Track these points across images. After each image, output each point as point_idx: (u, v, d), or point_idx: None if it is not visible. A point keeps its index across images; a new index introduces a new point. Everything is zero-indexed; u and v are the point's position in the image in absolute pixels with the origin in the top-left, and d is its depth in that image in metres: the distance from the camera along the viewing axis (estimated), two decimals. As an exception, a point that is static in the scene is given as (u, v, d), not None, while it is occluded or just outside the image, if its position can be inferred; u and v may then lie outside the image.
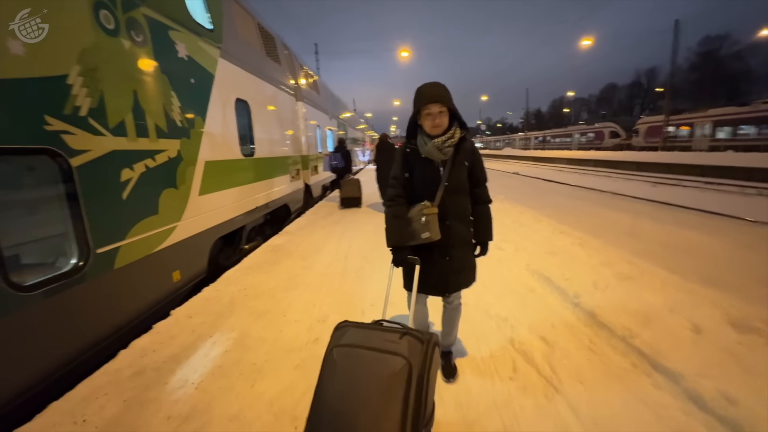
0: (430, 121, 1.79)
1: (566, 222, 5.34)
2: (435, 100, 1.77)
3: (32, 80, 2.07)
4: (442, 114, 1.79)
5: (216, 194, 4.08)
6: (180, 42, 3.52)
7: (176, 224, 3.34)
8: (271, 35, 6.67)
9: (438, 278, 1.94)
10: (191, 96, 3.69)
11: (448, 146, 1.81)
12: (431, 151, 1.83)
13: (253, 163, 5.22)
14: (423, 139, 1.86)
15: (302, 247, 4.88)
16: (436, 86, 1.82)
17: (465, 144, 1.89)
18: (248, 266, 4.06)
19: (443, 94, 1.79)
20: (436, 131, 1.81)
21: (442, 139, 1.80)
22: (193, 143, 3.68)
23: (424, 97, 1.79)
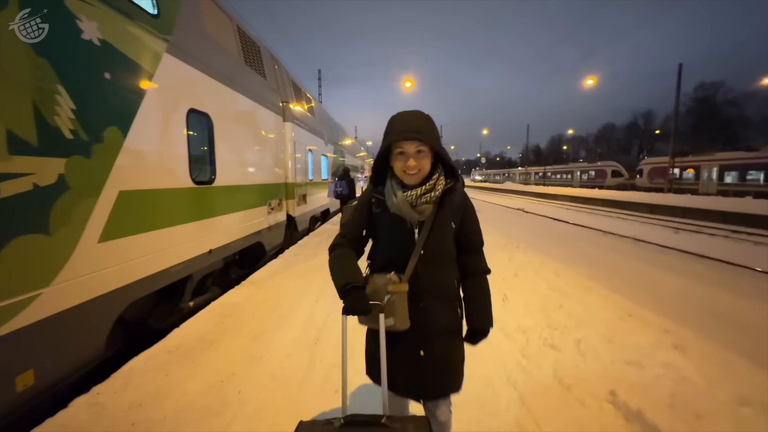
0: (402, 163, 1.28)
1: (620, 290, 4.05)
2: (410, 136, 1.25)
3: None
4: (420, 155, 1.27)
5: (136, 238, 2.83)
6: (86, 18, 2.39)
7: (38, 293, 2.07)
8: (254, 43, 5.68)
9: (410, 377, 1.35)
10: (101, 96, 2.52)
11: (425, 202, 1.28)
12: (401, 207, 1.29)
13: (210, 193, 4.01)
14: (392, 187, 1.33)
15: (263, 310, 3.56)
16: (414, 117, 1.30)
17: (452, 196, 1.36)
18: (166, 354, 2.69)
19: (423, 128, 1.26)
20: (411, 179, 1.30)
21: (418, 192, 1.28)
22: (96, 164, 2.47)
23: (395, 130, 1.27)
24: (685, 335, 2.73)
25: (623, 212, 17.37)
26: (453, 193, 1.34)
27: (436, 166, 1.32)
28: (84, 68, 2.39)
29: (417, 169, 1.25)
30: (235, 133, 4.66)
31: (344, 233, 1.43)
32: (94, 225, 2.44)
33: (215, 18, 4.36)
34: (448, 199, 1.32)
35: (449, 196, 1.33)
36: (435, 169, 1.31)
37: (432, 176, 1.30)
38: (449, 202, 1.33)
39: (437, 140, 1.27)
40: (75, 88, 2.31)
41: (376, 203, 1.37)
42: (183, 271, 3.51)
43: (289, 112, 7.25)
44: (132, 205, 2.79)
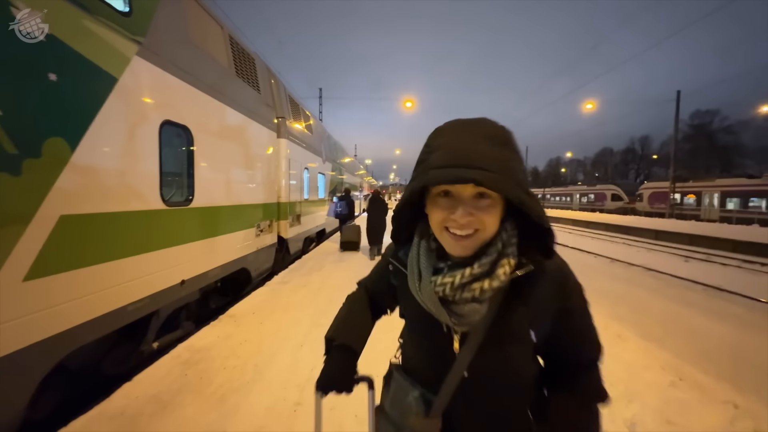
0: (444, 213, 0.71)
1: (656, 338, 3.48)
2: (464, 176, 0.63)
3: None
4: (481, 205, 0.69)
5: (79, 273, 2.31)
6: (25, 7, 1.97)
7: None
8: (248, 55, 5.32)
9: None
10: (42, 101, 2.07)
11: (470, 299, 0.70)
12: (428, 303, 0.75)
13: (186, 216, 3.51)
14: (419, 257, 0.78)
15: (237, 356, 3.00)
16: (476, 137, 0.68)
17: (536, 287, 0.73)
18: (106, 422, 2.08)
19: (493, 159, 0.65)
20: (459, 247, 0.71)
21: (456, 280, 0.71)
22: (28, 183, 1.98)
23: (437, 161, 0.68)
24: (760, 412, 2.18)
25: (627, 237, 16.93)
26: (538, 279, 0.72)
27: (503, 224, 0.72)
28: (19, 66, 1.95)
29: (472, 229, 0.68)
30: (220, 149, 4.21)
31: (364, 282, 1.12)
32: (18, 259, 1.94)
33: (203, 24, 3.99)
34: (526, 291, 0.72)
35: (529, 285, 0.72)
36: (502, 231, 0.72)
37: (492, 246, 0.71)
38: (527, 296, 0.72)
39: (519, 181, 0.65)
40: (1, 90, 1.86)
41: (394, 273, 0.90)
42: (145, 308, 2.96)
43: (285, 128, 6.85)
44: (78, 233, 2.29)
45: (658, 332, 3.82)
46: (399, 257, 0.86)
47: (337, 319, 1.02)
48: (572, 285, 0.77)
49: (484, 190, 0.66)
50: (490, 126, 0.69)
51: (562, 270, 0.76)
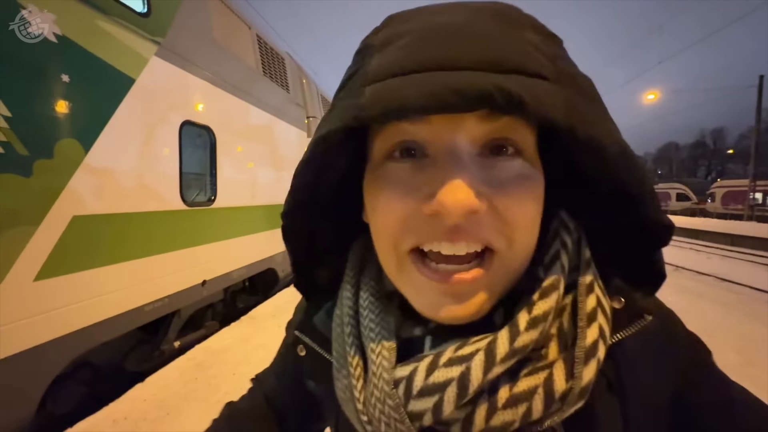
0: (404, 206, 0.28)
1: (734, 365, 2.91)
2: (479, 84, 0.22)
3: None
4: (496, 174, 0.27)
5: (92, 273, 2.32)
6: (38, 7, 1.98)
7: None
8: (278, 54, 5.32)
9: None
10: (54, 102, 2.08)
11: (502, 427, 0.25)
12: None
13: (207, 216, 3.52)
14: (363, 314, 0.33)
15: (250, 362, 2.91)
16: (472, 13, 0.27)
17: (638, 353, 0.32)
18: (110, 426, 2.05)
19: (533, 46, 0.25)
20: (445, 300, 0.28)
21: (483, 361, 0.26)
22: (40, 184, 2.00)
23: (394, 62, 0.25)
24: None
25: (696, 242, 15.08)
26: (636, 342, 0.32)
27: (554, 222, 0.34)
28: (29, 68, 1.97)
29: (478, 241, 0.27)
30: (244, 150, 4.21)
31: (262, 379, 0.59)
32: (28, 260, 1.96)
33: (228, 24, 4.00)
34: (610, 370, 0.32)
35: (618, 358, 0.32)
36: (557, 239, 0.32)
37: (549, 272, 0.30)
38: (618, 382, 0.32)
39: (597, 105, 0.27)
40: (12, 91, 1.87)
41: (308, 362, 0.41)
42: (164, 308, 2.98)
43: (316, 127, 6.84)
44: (92, 233, 2.31)
45: (735, 360, 3.19)
46: (315, 328, 0.40)
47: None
48: (685, 333, 0.38)
49: (505, 132, 0.28)
50: (503, 4, 0.30)
51: (668, 317, 0.38)
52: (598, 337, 0.27)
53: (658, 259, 0.32)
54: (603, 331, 0.28)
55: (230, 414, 0.55)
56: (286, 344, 0.52)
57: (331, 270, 0.40)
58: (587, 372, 0.26)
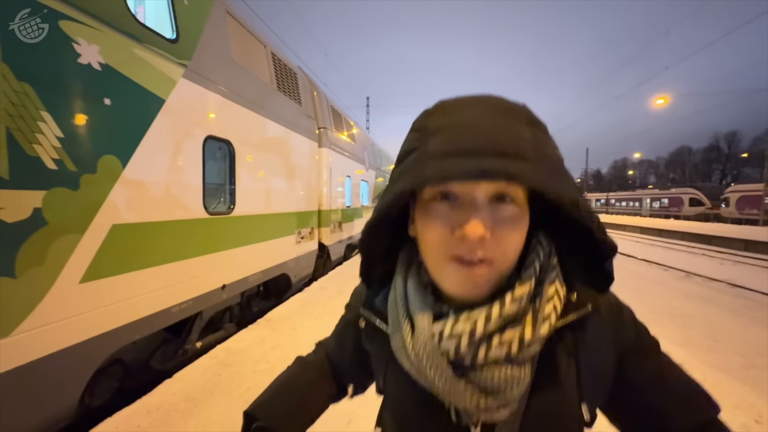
0: (443, 230, 0.45)
1: (731, 369, 2.92)
2: (491, 168, 0.39)
3: None
4: (500, 214, 0.45)
5: (129, 276, 2.55)
6: (86, 41, 2.24)
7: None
8: (290, 69, 5.60)
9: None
10: (97, 123, 2.33)
11: (506, 361, 0.45)
12: (432, 372, 0.46)
13: (227, 224, 3.75)
14: (409, 296, 0.52)
15: (268, 361, 3.10)
16: (491, 111, 0.44)
17: (588, 331, 0.50)
18: (144, 416, 2.26)
19: (525, 140, 0.42)
20: (467, 283, 0.45)
21: (484, 320, 0.45)
22: (85, 196, 2.24)
23: (440, 147, 0.42)
24: None
25: (709, 248, 14.86)
26: (587, 323, 0.50)
27: (533, 241, 0.51)
28: (78, 94, 2.22)
29: (486, 255, 0.44)
30: (260, 161, 4.45)
31: (325, 344, 0.79)
32: (75, 264, 2.19)
33: (246, 44, 4.28)
34: (572, 342, 0.50)
35: (577, 334, 0.50)
36: (535, 246, 0.51)
37: (527, 267, 0.49)
38: (574, 352, 0.50)
39: (569, 177, 0.45)
40: (64, 114, 2.12)
41: (368, 333, 0.62)
42: (188, 309, 3.20)
43: (326, 138, 7.09)
44: (128, 240, 2.54)
45: (737, 362, 3.26)
46: (374, 307, 0.59)
47: (269, 389, 0.71)
48: (631, 319, 0.54)
49: (504, 190, 0.44)
50: (508, 100, 0.46)
51: (617, 305, 0.55)
52: (551, 311, 0.45)
53: (609, 268, 0.48)
54: (555, 308, 0.46)
55: (300, 363, 0.77)
56: (346, 319, 0.72)
57: (382, 269, 0.59)
58: (543, 328, 0.44)
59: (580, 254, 0.49)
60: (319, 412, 0.70)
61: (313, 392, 0.71)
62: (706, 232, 16.83)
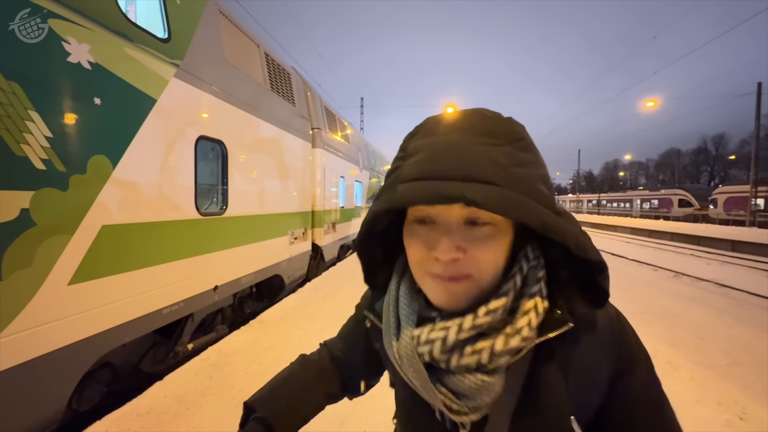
0: (421, 252, 0.50)
1: (718, 368, 2.97)
2: (447, 192, 0.41)
3: None
4: (475, 233, 0.47)
5: (118, 278, 2.52)
6: (76, 40, 2.22)
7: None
8: (284, 70, 5.58)
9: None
10: (87, 123, 2.30)
11: (477, 370, 0.46)
12: (409, 372, 0.50)
13: (219, 225, 3.73)
14: (396, 305, 0.56)
15: (260, 362, 3.09)
16: (463, 134, 0.47)
17: (581, 345, 0.50)
18: (134, 419, 2.24)
19: (492, 163, 0.44)
20: (445, 297, 0.49)
21: (456, 329, 0.47)
22: (74, 197, 2.21)
23: (411, 172, 0.46)
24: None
25: (697, 248, 15.13)
26: (581, 338, 0.50)
27: (518, 255, 0.51)
28: (67, 93, 2.19)
29: (461, 272, 0.47)
30: (253, 161, 4.43)
31: (329, 344, 0.82)
32: (64, 265, 2.16)
33: (239, 44, 4.26)
34: (563, 355, 0.50)
35: (568, 347, 0.50)
36: (519, 259, 0.51)
37: (508, 280, 0.49)
38: (565, 365, 0.50)
39: (540, 195, 0.45)
40: (53, 114, 2.09)
41: (372, 332, 0.67)
42: (179, 311, 3.17)
43: (320, 138, 7.08)
44: (118, 241, 2.51)
45: (721, 360, 3.32)
46: (375, 309, 0.63)
47: (270, 383, 0.72)
48: (631, 345, 0.52)
49: (475, 214, 0.45)
50: (491, 118, 0.48)
51: (617, 323, 0.52)
52: (525, 325, 0.45)
53: (603, 283, 0.47)
54: (530, 322, 0.46)
55: (302, 361, 0.78)
56: (356, 319, 0.77)
57: (383, 275, 0.63)
58: (513, 341, 0.45)
59: (576, 267, 0.48)
60: (316, 410, 0.72)
61: (312, 390, 0.72)
62: (695, 232, 17.13)
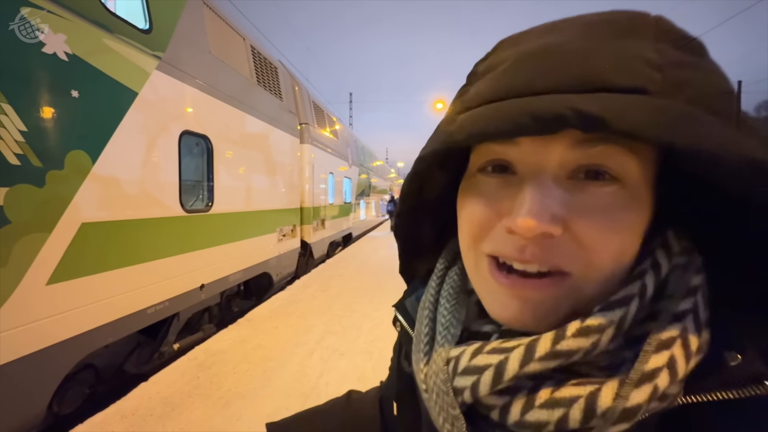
0: (486, 215, 0.29)
1: None
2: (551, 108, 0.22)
3: None
4: (585, 199, 0.25)
5: (99, 277, 2.44)
6: (51, 30, 2.12)
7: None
8: (271, 63, 5.48)
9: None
10: (64, 116, 2.21)
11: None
12: (435, 411, 0.29)
13: (205, 222, 3.65)
14: (441, 300, 0.35)
15: (249, 361, 3.05)
16: (579, 36, 0.26)
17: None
18: (119, 421, 2.18)
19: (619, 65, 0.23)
20: (512, 306, 0.27)
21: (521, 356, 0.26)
22: (52, 194, 2.13)
23: (489, 90, 0.26)
24: None
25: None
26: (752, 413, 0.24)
27: (653, 241, 0.29)
28: (43, 85, 2.10)
29: (552, 262, 0.27)
30: (240, 157, 4.34)
31: (382, 384, 0.58)
32: (41, 264, 2.08)
33: (224, 36, 4.15)
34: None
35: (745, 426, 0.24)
36: (649, 259, 0.28)
37: (623, 289, 0.27)
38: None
39: (721, 108, 0.24)
40: (28, 107, 2.00)
41: (402, 337, 0.46)
42: (164, 311, 3.10)
43: (308, 134, 6.99)
44: (98, 239, 2.43)
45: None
46: (405, 307, 0.44)
47: (302, 413, 0.59)
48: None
49: (599, 158, 0.26)
50: (626, 12, 0.29)
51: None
52: (664, 366, 0.24)
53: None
54: (674, 362, 0.24)
55: (346, 399, 0.59)
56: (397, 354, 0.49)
57: (429, 263, 0.43)
58: (636, 395, 0.23)
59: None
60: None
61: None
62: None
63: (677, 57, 0.25)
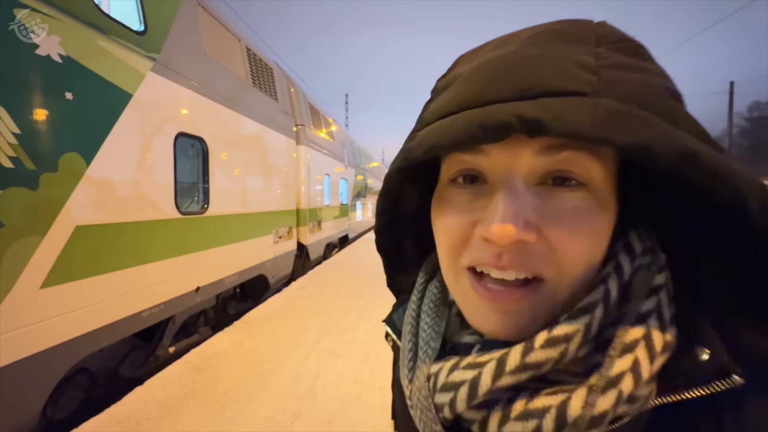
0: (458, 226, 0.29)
1: None
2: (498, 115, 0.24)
3: None
4: (553, 203, 0.27)
5: (94, 280, 2.42)
6: (45, 32, 2.10)
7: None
8: (266, 65, 5.47)
9: None
10: (58, 119, 2.19)
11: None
12: (421, 426, 0.30)
13: (201, 225, 3.63)
14: (421, 314, 0.37)
15: (245, 364, 3.04)
16: (526, 47, 0.28)
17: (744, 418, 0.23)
18: (113, 426, 2.18)
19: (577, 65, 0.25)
20: (491, 317, 0.28)
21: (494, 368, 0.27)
22: (45, 196, 2.11)
23: (447, 104, 0.28)
24: None
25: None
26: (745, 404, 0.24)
27: (617, 243, 0.30)
28: (37, 87, 2.08)
29: (529, 269, 0.27)
30: (235, 158, 4.33)
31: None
32: (35, 268, 2.06)
33: (219, 38, 4.14)
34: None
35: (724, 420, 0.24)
36: (612, 262, 0.29)
37: (588, 296, 0.28)
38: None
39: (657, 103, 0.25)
40: (21, 110, 1.99)
41: (394, 351, 0.47)
42: (159, 314, 3.08)
43: (304, 135, 6.98)
44: (93, 242, 2.41)
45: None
46: (395, 320, 0.45)
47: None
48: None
49: (565, 164, 0.27)
50: (571, 21, 0.31)
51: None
52: (628, 370, 0.24)
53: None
54: (637, 365, 0.24)
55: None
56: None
57: (413, 276, 0.43)
58: (602, 402, 0.24)
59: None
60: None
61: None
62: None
63: (614, 59, 0.27)
